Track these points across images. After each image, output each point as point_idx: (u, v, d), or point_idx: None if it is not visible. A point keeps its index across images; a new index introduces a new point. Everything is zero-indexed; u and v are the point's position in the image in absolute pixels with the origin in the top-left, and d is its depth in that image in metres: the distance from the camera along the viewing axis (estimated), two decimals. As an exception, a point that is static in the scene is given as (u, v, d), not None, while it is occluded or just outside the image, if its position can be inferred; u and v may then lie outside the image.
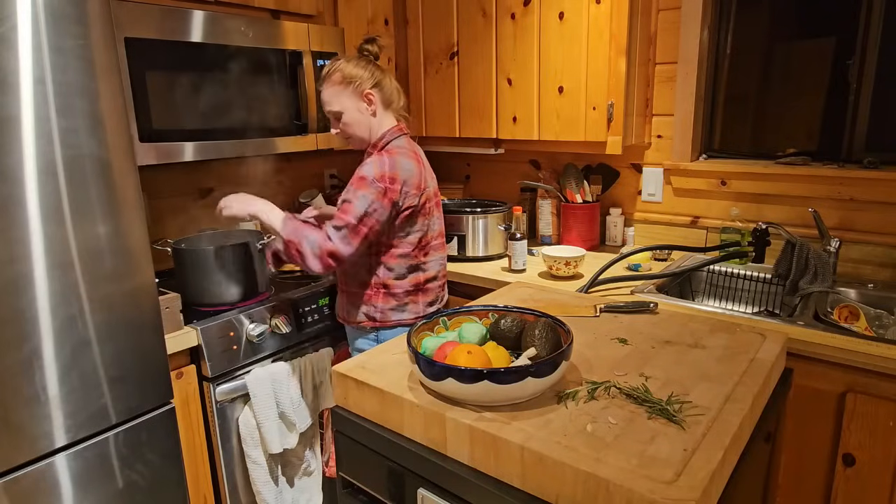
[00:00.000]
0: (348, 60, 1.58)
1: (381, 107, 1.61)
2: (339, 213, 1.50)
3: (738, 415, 0.93)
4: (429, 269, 1.66)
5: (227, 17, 1.71)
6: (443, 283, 1.74)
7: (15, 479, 1.21)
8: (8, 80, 1.11)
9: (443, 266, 1.73)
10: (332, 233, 1.49)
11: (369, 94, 1.58)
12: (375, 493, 1.09)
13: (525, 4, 2.01)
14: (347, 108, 1.59)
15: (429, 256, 1.65)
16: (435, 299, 1.70)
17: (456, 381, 0.93)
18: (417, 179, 1.56)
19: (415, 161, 1.57)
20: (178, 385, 1.58)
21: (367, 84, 1.57)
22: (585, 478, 0.80)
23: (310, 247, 1.48)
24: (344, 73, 1.57)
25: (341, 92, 1.58)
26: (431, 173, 1.68)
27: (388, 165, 1.51)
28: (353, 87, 1.57)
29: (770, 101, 2.07)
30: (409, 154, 1.58)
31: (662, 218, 2.21)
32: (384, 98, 1.62)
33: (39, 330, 1.21)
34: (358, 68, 1.57)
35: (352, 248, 1.50)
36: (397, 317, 1.63)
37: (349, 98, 1.58)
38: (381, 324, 1.64)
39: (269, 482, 1.73)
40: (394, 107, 1.65)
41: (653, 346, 1.19)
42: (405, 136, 1.65)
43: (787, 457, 1.47)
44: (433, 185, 1.66)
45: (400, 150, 1.57)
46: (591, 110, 1.94)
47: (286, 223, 1.54)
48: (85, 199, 1.25)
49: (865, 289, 1.73)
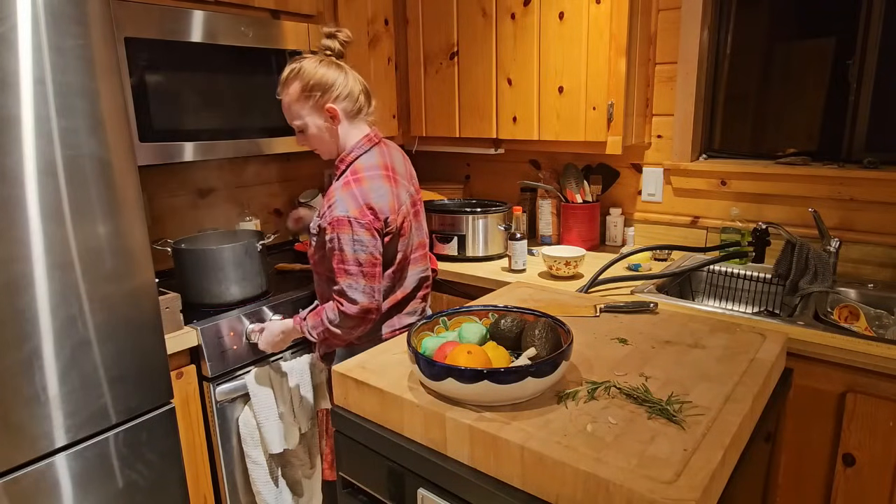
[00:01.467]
0: (308, 65, 1.42)
1: (346, 119, 1.47)
2: (336, 263, 1.40)
3: (738, 415, 0.93)
4: (406, 286, 1.56)
5: (227, 17, 1.71)
6: (425, 293, 1.63)
7: (15, 479, 1.21)
8: (8, 80, 1.11)
9: (421, 279, 1.60)
10: (347, 292, 1.39)
11: (331, 109, 1.43)
12: (375, 493, 1.09)
13: (525, 4, 2.01)
14: (308, 125, 1.46)
15: (406, 271, 1.56)
16: (412, 311, 1.60)
17: (456, 381, 0.93)
18: (392, 202, 1.44)
19: (385, 181, 1.45)
20: (178, 385, 1.58)
21: (329, 96, 1.42)
22: (585, 478, 0.80)
23: (339, 324, 1.41)
24: (302, 83, 1.41)
25: (301, 106, 1.44)
26: (408, 178, 1.58)
27: (360, 197, 1.39)
28: (312, 101, 1.42)
29: (770, 101, 2.07)
30: (380, 174, 1.45)
31: (662, 218, 2.21)
32: (350, 109, 1.46)
33: (39, 330, 1.21)
34: (317, 77, 1.41)
35: (375, 290, 1.41)
36: (369, 337, 1.54)
37: (309, 114, 1.44)
38: (357, 344, 1.55)
39: (269, 482, 1.73)
40: (363, 114, 1.51)
41: (653, 346, 1.19)
42: (376, 146, 1.51)
43: (787, 457, 1.47)
44: (408, 198, 1.54)
45: (369, 174, 1.44)
46: (591, 110, 1.94)
47: (307, 328, 1.47)
48: (85, 199, 1.25)
49: (865, 289, 1.73)
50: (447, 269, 2.09)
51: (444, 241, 2.19)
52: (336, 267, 1.41)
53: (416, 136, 2.46)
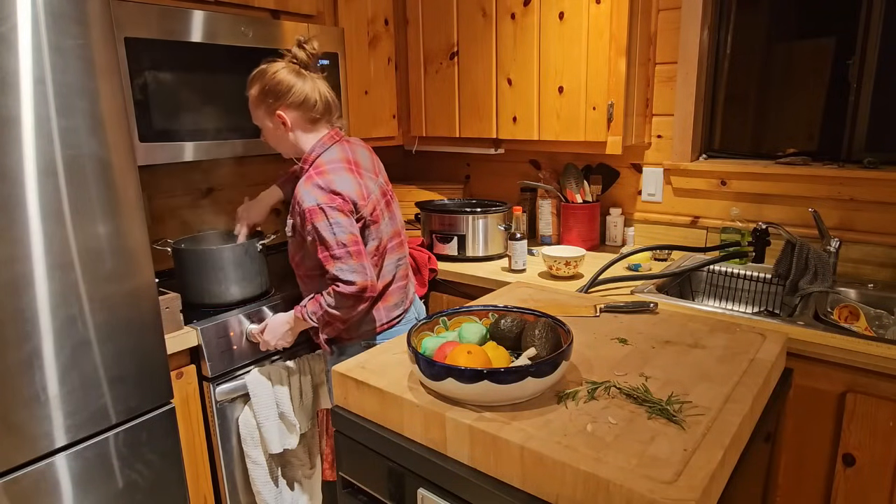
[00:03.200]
0: (270, 69, 1.48)
1: (300, 126, 1.52)
2: (322, 254, 1.43)
3: (738, 415, 0.93)
4: (386, 275, 1.59)
5: (227, 17, 1.71)
6: (404, 283, 1.66)
7: (15, 479, 1.21)
8: (8, 80, 1.11)
9: (400, 266, 1.64)
10: (340, 276, 1.42)
11: (280, 116, 1.49)
12: (375, 493, 1.09)
13: (525, 4, 2.01)
14: (264, 126, 1.54)
15: (384, 261, 1.58)
16: (398, 301, 1.64)
17: (456, 381, 0.93)
18: (359, 190, 1.48)
19: (349, 173, 1.49)
20: (178, 385, 1.57)
21: (282, 103, 1.48)
22: (585, 478, 0.80)
23: (337, 306, 1.44)
24: (260, 86, 1.48)
25: (256, 107, 1.52)
26: (375, 172, 1.60)
27: (324, 186, 1.44)
28: (265, 105, 1.49)
29: (770, 101, 2.07)
30: (342, 167, 1.49)
31: (662, 218, 2.21)
32: (303, 118, 1.51)
33: (39, 330, 1.21)
34: (274, 82, 1.46)
35: (366, 267, 1.43)
36: (358, 331, 1.59)
37: (263, 115, 1.51)
38: (347, 340, 1.60)
39: (268, 482, 1.73)
40: (323, 122, 1.55)
41: (653, 346, 1.19)
42: (337, 143, 1.55)
43: (787, 457, 1.47)
44: (377, 188, 1.57)
45: (331, 166, 1.48)
46: (591, 110, 1.94)
47: (307, 314, 1.51)
48: (85, 199, 1.25)
49: (865, 289, 1.73)
50: (447, 269, 2.09)
51: (444, 241, 2.19)
52: (322, 257, 1.44)
53: (416, 136, 2.46)
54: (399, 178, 2.96)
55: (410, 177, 2.97)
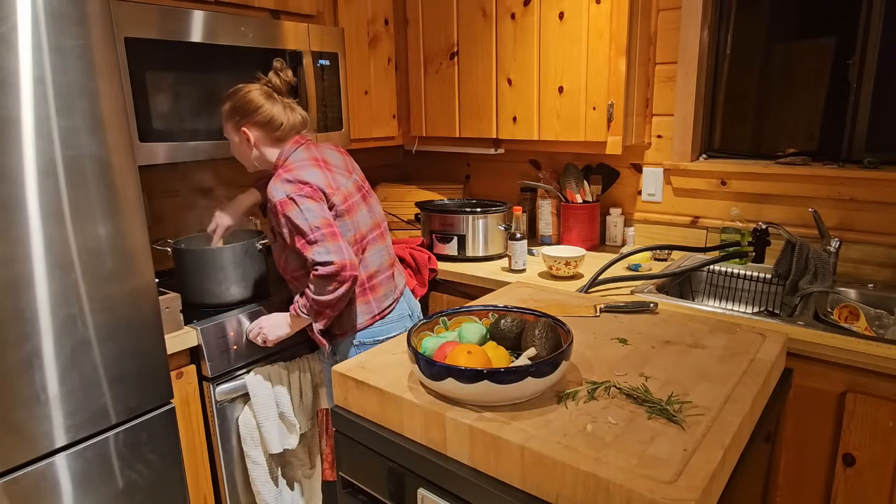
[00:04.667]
0: (243, 89, 1.57)
1: (263, 143, 1.59)
2: (299, 243, 1.47)
3: (738, 415, 0.93)
4: (370, 266, 1.62)
5: (226, 17, 1.71)
6: (390, 273, 1.69)
7: (15, 479, 1.21)
8: (8, 80, 1.11)
9: (385, 256, 1.68)
10: (317, 258, 1.45)
11: (245, 133, 1.57)
12: (375, 493, 1.09)
13: (525, 4, 2.01)
14: (231, 140, 1.62)
15: (366, 252, 1.62)
16: (388, 292, 1.67)
17: (456, 381, 0.93)
18: (327, 181, 1.53)
19: (316, 168, 1.54)
20: (178, 385, 1.58)
21: (248, 120, 1.56)
22: (585, 478, 0.80)
23: (321, 291, 1.47)
24: (231, 103, 1.57)
25: (226, 121, 1.60)
26: (349, 170, 1.65)
27: (291, 178, 1.49)
28: (233, 121, 1.58)
29: (770, 101, 2.07)
30: (309, 164, 1.54)
31: (662, 218, 2.21)
32: (268, 136, 1.58)
33: (39, 330, 1.21)
34: (243, 101, 1.55)
35: (342, 248, 1.46)
36: (352, 323, 1.61)
37: (231, 129, 1.60)
38: (340, 336, 1.63)
39: (268, 482, 1.73)
40: (289, 140, 1.61)
41: (653, 346, 1.19)
42: (303, 146, 1.61)
43: (787, 457, 1.47)
44: (350, 184, 1.62)
45: (298, 164, 1.54)
46: (591, 110, 1.94)
47: (299, 308, 1.54)
48: (85, 199, 1.25)
49: (865, 289, 1.73)
50: (447, 269, 2.10)
51: (444, 241, 2.19)
52: (300, 246, 1.47)
53: (416, 136, 2.46)
54: (399, 178, 2.96)
55: (410, 177, 2.97)
